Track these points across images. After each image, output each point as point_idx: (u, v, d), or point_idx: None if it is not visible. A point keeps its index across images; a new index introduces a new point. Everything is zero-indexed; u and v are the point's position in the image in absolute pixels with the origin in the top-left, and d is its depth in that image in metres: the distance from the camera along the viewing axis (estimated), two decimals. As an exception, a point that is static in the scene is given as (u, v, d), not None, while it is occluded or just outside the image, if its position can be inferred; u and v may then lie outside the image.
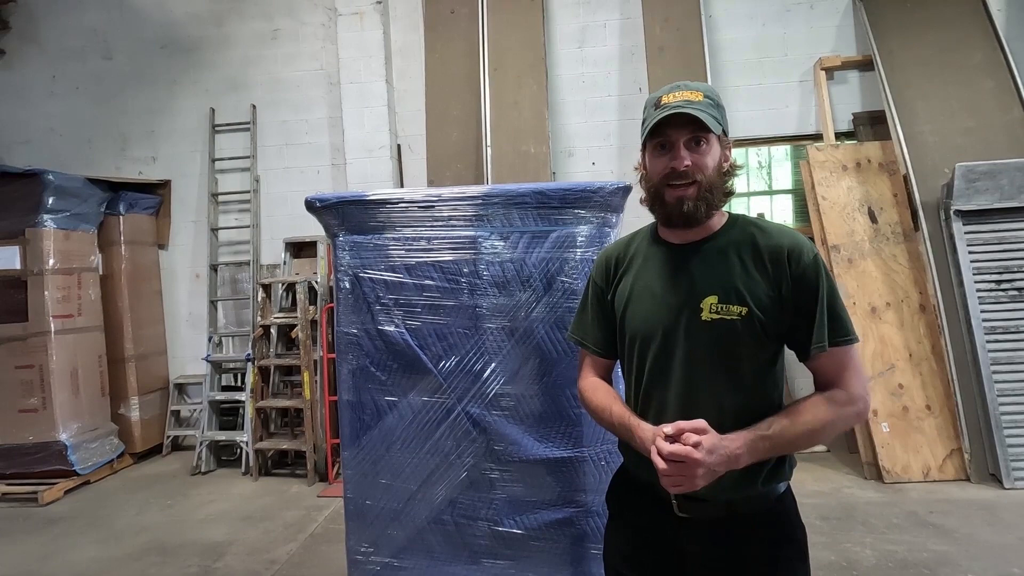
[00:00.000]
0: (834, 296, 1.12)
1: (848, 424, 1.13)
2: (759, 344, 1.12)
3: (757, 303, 1.11)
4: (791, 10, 4.46)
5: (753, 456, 1.06)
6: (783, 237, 1.14)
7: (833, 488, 3.46)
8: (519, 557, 1.88)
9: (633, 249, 1.28)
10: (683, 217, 1.14)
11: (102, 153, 5.10)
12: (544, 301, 1.85)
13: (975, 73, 3.95)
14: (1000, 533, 2.84)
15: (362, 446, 1.96)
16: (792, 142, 4.64)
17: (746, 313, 1.10)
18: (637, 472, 1.24)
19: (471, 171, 4.40)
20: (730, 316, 1.11)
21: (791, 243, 1.13)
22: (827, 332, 1.10)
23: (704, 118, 1.09)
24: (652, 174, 1.17)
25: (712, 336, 1.12)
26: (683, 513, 1.15)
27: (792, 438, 1.08)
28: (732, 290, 1.11)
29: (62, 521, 3.54)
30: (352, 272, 1.95)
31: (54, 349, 4.05)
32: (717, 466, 1.02)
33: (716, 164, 1.14)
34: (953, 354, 3.53)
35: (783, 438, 1.07)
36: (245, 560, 2.96)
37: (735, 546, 1.13)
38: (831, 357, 1.11)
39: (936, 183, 3.72)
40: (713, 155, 1.14)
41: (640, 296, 1.21)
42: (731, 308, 1.11)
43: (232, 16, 4.96)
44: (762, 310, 1.11)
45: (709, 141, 1.13)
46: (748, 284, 1.12)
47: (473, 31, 4.53)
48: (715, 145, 1.14)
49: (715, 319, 1.11)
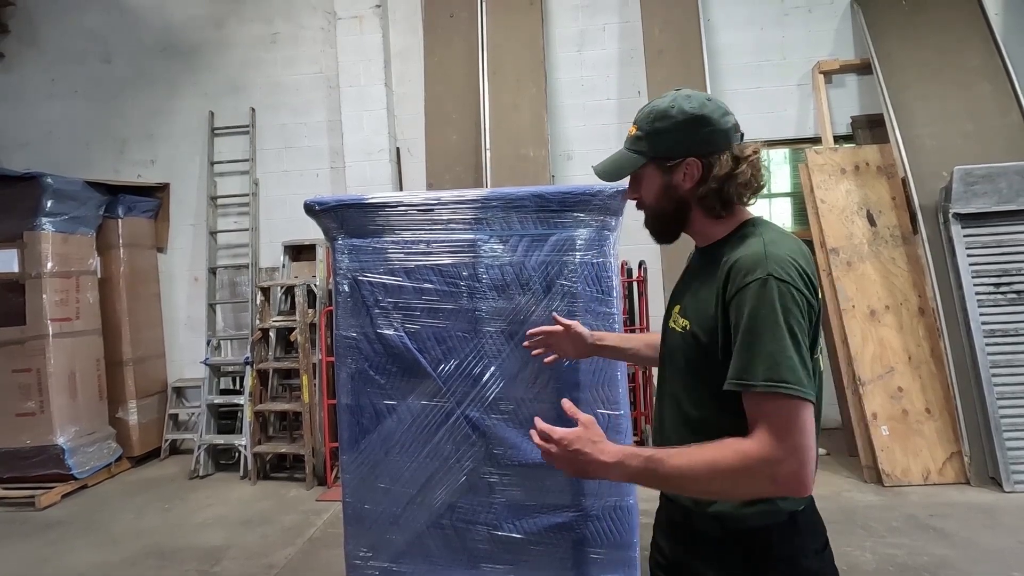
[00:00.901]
0: (759, 329, 0.93)
1: (755, 482, 0.92)
2: (704, 364, 1.03)
3: (699, 320, 1.06)
4: (789, 14, 4.48)
5: (625, 473, 1.00)
6: (743, 250, 1.01)
7: (833, 492, 3.45)
8: (518, 561, 1.87)
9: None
10: (653, 235, 1.21)
11: (101, 156, 5.10)
12: (543, 304, 1.84)
13: (973, 76, 3.96)
14: (1000, 536, 2.83)
15: (361, 450, 1.95)
16: (791, 145, 4.65)
17: (688, 328, 1.08)
18: None
19: (470, 174, 4.40)
20: (678, 328, 1.11)
21: (740, 258, 1.00)
22: (738, 370, 0.95)
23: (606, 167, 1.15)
24: None
25: (669, 347, 1.15)
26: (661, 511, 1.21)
27: (673, 469, 0.95)
28: (688, 303, 1.12)
29: (59, 525, 3.53)
30: (351, 275, 1.94)
31: (52, 353, 4.04)
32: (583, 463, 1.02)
33: (656, 192, 1.13)
34: (952, 357, 3.53)
35: (663, 465, 0.95)
36: (243, 564, 2.94)
37: (735, 565, 1.06)
38: (747, 401, 0.95)
39: (935, 186, 3.73)
40: (649, 185, 1.14)
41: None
42: (679, 321, 1.12)
43: (231, 19, 4.97)
44: (702, 328, 1.04)
45: (640, 176, 1.16)
46: (698, 297, 1.09)
47: (472, 34, 4.54)
48: (650, 174, 1.13)
49: (674, 329, 1.13)
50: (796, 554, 1.05)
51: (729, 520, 1.05)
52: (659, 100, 1.13)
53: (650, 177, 1.14)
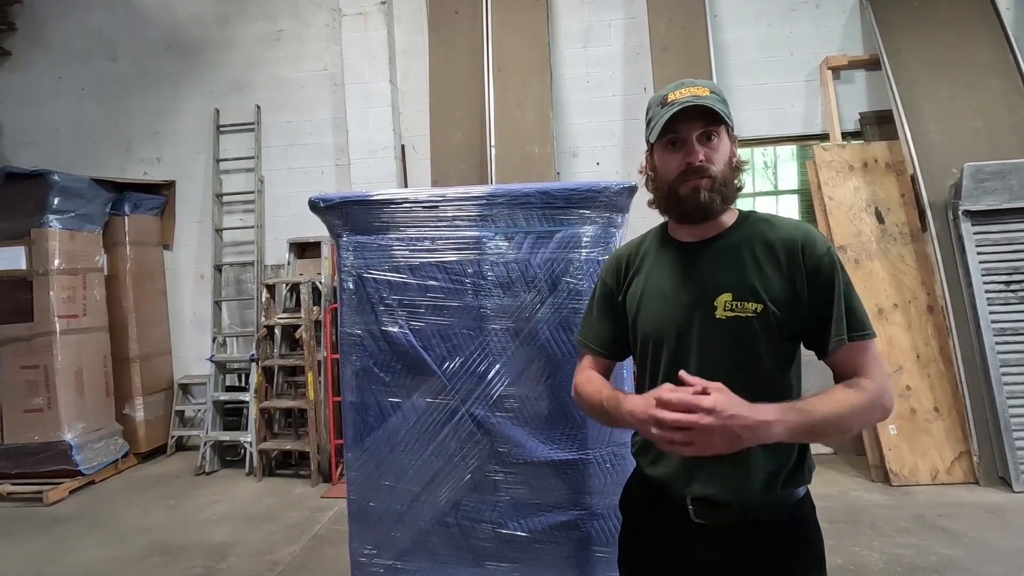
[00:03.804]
0: (851, 290, 1.10)
1: (875, 413, 1.07)
2: (775, 341, 1.10)
3: (772, 299, 1.08)
4: (797, 9, 4.44)
5: (785, 428, 0.97)
6: (796, 230, 1.12)
7: (840, 491, 3.43)
8: (523, 560, 1.87)
9: (644, 249, 1.26)
10: (700, 209, 1.11)
11: (107, 154, 5.11)
12: (549, 302, 1.83)
13: (983, 72, 3.92)
14: (1009, 537, 2.81)
15: (366, 447, 1.95)
16: (798, 142, 4.62)
17: (761, 310, 1.08)
18: (652, 474, 1.20)
19: (475, 171, 4.39)
20: (745, 313, 1.08)
21: (804, 236, 1.11)
22: (846, 326, 1.07)
23: (717, 109, 1.08)
24: (665, 172, 1.15)
25: (727, 334, 1.10)
26: (699, 519, 1.12)
27: (824, 416, 1.01)
28: (747, 287, 1.09)
29: (67, 521, 3.55)
30: (356, 272, 1.94)
31: (59, 349, 4.06)
32: (740, 429, 0.94)
33: (727, 158, 1.13)
34: (961, 356, 3.49)
35: (814, 414, 1.00)
36: (248, 561, 2.95)
37: (752, 554, 1.11)
38: (851, 352, 1.08)
39: (944, 183, 3.69)
40: (724, 148, 1.12)
41: (652, 297, 1.19)
42: (746, 305, 1.08)
43: (236, 17, 4.97)
44: (777, 306, 1.08)
45: (720, 135, 1.12)
46: (762, 280, 1.09)
47: (477, 31, 4.52)
48: (725, 139, 1.13)
49: (730, 317, 1.09)
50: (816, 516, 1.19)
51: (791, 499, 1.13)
52: (696, 79, 1.15)
53: (725, 141, 1.13)
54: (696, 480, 1.12)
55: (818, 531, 1.16)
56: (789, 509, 1.13)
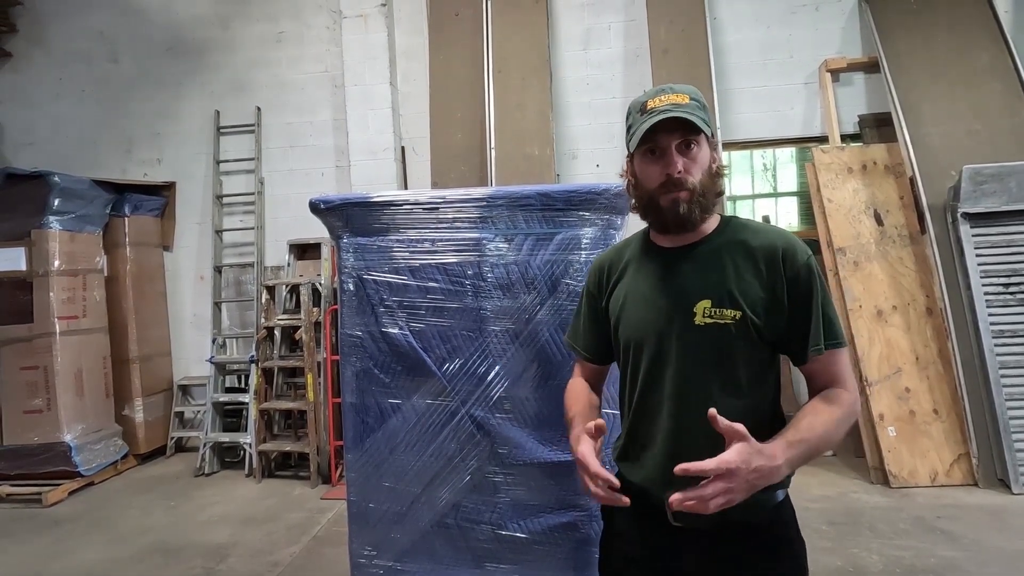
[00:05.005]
0: (827, 299, 1.12)
1: (851, 421, 1.10)
2: (754, 348, 1.11)
3: (751, 306, 1.09)
4: (796, 12, 4.45)
5: (790, 465, 1.01)
6: (777, 238, 1.13)
7: (839, 493, 3.43)
8: (523, 561, 1.87)
9: (627, 255, 1.27)
10: (678, 221, 1.12)
11: (107, 155, 5.12)
12: (548, 304, 1.83)
13: (982, 75, 3.93)
14: (1009, 539, 2.81)
15: (365, 449, 1.95)
16: (797, 144, 4.63)
17: (740, 317, 1.08)
18: (632, 478, 1.22)
19: (475, 173, 4.40)
20: (724, 320, 1.09)
21: (785, 244, 1.12)
22: (823, 335, 1.10)
23: (695, 120, 1.08)
24: (646, 181, 1.15)
25: (706, 340, 1.10)
26: (678, 523, 1.12)
27: (817, 441, 1.04)
28: (726, 293, 1.10)
29: (66, 522, 3.55)
30: (356, 274, 1.94)
31: (59, 350, 4.06)
32: (757, 480, 0.97)
33: (707, 167, 1.13)
34: (960, 358, 3.50)
35: (810, 442, 1.03)
36: (248, 562, 2.95)
37: (732, 556, 1.11)
38: (827, 359, 1.11)
39: (943, 185, 3.69)
40: (704, 157, 1.12)
41: (633, 302, 1.20)
42: (725, 312, 1.09)
43: (237, 19, 4.98)
44: (756, 313, 1.09)
45: (700, 143, 1.12)
46: (741, 287, 1.10)
47: (477, 33, 4.53)
48: (705, 147, 1.13)
49: (709, 323, 1.10)
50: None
51: (770, 501, 1.13)
52: (677, 85, 1.15)
53: (704, 150, 1.13)
54: (675, 484, 1.11)
55: (798, 533, 1.17)
56: (769, 511, 1.13)
